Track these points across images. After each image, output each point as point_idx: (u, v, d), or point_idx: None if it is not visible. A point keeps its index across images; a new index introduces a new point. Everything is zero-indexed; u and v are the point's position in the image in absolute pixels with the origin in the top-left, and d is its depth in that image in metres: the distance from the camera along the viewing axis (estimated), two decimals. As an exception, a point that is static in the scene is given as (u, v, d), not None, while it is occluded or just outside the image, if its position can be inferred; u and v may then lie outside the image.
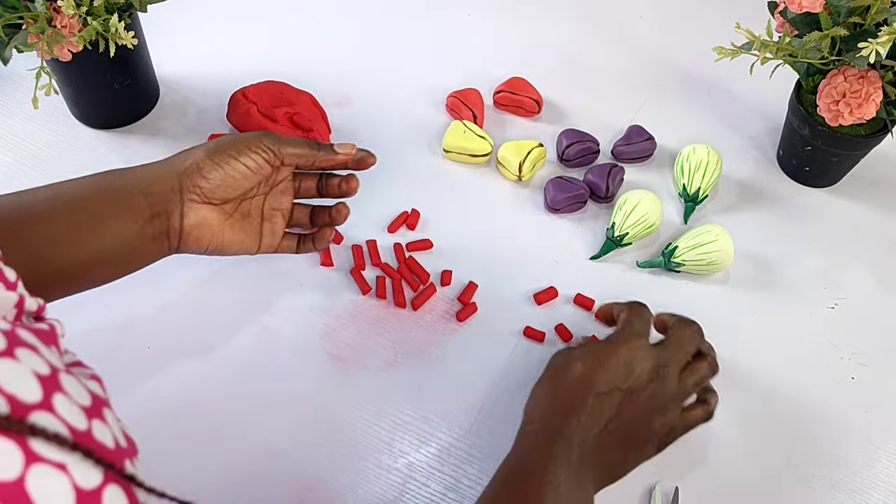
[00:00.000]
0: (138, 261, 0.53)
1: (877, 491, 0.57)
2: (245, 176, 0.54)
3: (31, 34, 0.61)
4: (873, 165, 0.77)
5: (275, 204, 0.59)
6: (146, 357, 0.60)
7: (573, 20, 0.92)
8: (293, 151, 0.56)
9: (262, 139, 0.55)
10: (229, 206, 0.55)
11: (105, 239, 0.50)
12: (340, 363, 0.61)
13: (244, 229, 0.57)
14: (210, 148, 0.54)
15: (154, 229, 0.52)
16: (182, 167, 0.53)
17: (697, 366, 0.54)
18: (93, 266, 0.50)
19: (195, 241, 0.54)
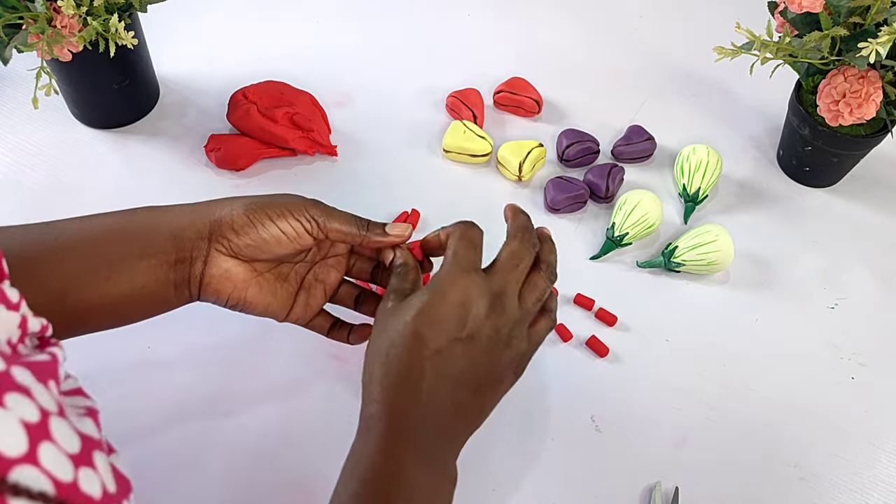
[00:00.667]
0: (158, 306, 0.49)
1: (877, 491, 0.57)
2: (279, 242, 0.49)
3: (31, 34, 0.61)
4: (873, 165, 0.77)
5: (320, 275, 0.54)
6: (146, 357, 0.60)
7: (573, 20, 0.92)
8: (338, 228, 0.50)
9: (309, 207, 0.49)
10: (261, 266, 0.51)
11: (126, 282, 0.46)
12: (340, 363, 0.61)
13: (274, 293, 0.52)
14: (250, 202, 0.49)
15: (177, 275, 0.48)
16: (216, 215, 0.48)
17: (534, 280, 0.49)
18: (110, 309, 0.47)
19: (214, 292, 0.49)
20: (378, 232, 0.51)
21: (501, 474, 0.56)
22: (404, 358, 0.44)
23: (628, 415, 0.60)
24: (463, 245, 0.47)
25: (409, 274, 0.50)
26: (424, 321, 0.44)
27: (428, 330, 0.44)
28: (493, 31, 0.89)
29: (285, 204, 0.49)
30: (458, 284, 0.45)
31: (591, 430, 0.59)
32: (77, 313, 0.45)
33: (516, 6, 0.93)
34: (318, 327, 0.55)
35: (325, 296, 0.54)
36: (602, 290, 0.66)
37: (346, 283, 0.56)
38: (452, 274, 0.46)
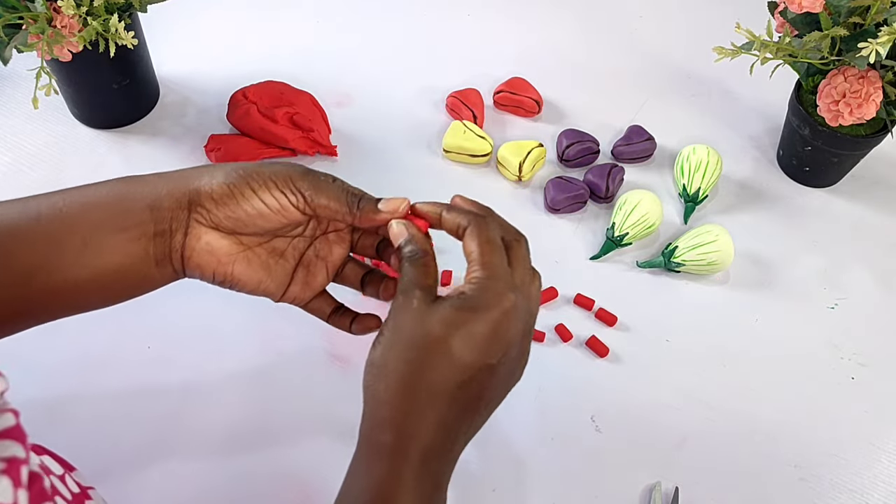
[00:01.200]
0: (141, 284, 0.45)
1: (877, 491, 0.57)
2: (262, 215, 0.44)
3: (31, 34, 0.61)
4: (873, 165, 0.77)
5: (321, 252, 0.49)
6: (146, 357, 0.60)
7: (573, 20, 0.92)
8: (326, 204, 0.44)
9: (296, 179, 0.44)
10: (249, 240, 0.46)
11: (102, 257, 0.42)
12: (340, 363, 0.61)
13: (267, 269, 0.47)
14: (232, 170, 0.44)
15: (157, 249, 0.44)
16: (195, 184, 0.44)
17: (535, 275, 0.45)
18: (89, 288, 0.43)
19: (196, 266, 0.45)
20: (370, 208, 0.45)
21: (501, 474, 0.56)
22: (431, 387, 0.39)
23: (628, 415, 0.60)
24: (491, 252, 0.42)
25: (429, 264, 0.43)
26: (462, 346, 0.39)
27: (464, 355, 0.39)
28: (493, 31, 0.89)
29: (270, 173, 0.44)
30: (503, 307, 0.40)
31: (591, 430, 0.59)
32: (50, 292, 0.42)
33: (516, 6, 0.93)
34: (318, 310, 0.50)
35: (327, 274, 0.49)
36: (602, 290, 0.66)
37: (351, 260, 0.51)
38: (495, 293, 0.40)
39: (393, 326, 0.41)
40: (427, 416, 0.39)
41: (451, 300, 0.40)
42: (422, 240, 0.44)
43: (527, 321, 0.42)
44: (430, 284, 0.42)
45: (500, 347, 0.40)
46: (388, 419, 0.40)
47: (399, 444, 0.39)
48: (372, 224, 0.45)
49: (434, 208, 0.45)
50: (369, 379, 0.41)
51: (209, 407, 0.58)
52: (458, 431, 0.41)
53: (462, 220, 0.43)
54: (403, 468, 0.39)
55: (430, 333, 0.39)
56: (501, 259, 0.42)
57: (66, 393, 0.58)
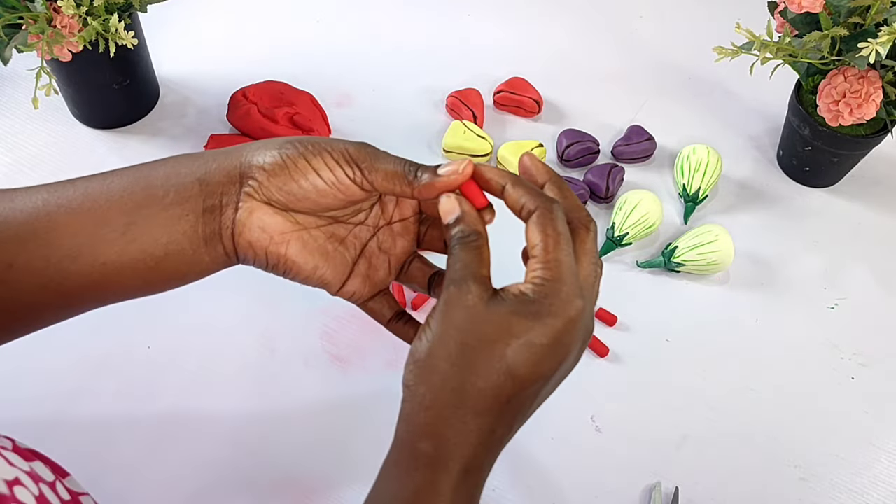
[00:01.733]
0: (189, 267, 0.41)
1: (877, 491, 0.57)
2: (317, 189, 0.40)
3: (31, 34, 0.61)
4: (873, 165, 0.77)
5: (384, 244, 0.45)
6: (146, 357, 0.60)
7: (573, 20, 0.92)
8: (383, 175, 0.40)
9: (352, 150, 0.40)
10: (306, 220, 0.42)
11: (149, 235, 0.39)
12: (340, 363, 0.61)
13: (325, 254, 0.43)
14: (285, 141, 0.41)
15: (207, 227, 0.40)
16: (248, 155, 0.40)
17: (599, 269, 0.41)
18: (136, 269, 0.40)
19: (248, 245, 0.41)
20: (429, 176, 0.39)
21: (501, 474, 0.56)
22: (480, 399, 0.36)
23: (628, 415, 0.60)
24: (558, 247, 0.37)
25: (483, 248, 0.39)
26: (519, 358, 0.35)
27: (520, 368, 0.36)
28: (493, 31, 0.89)
29: (325, 144, 0.40)
30: (568, 315, 0.36)
31: (591, 430, 0.59)
32: (96, 275, 0.39)
33: (516, 6, 0.93)
34: (378, 313, 0.46)
35: (389, 270, 0.45)
36: (602, 290, 0.66)
37: (418, 258, 0.46)
38: (562, 300, 0.36)
39: (442, 320, 0.37)
40: (471, 429, 0.36)
41: (510, 303, 0.36)
42: (475, 219, 0.39)
43: (588, 327, 0.38)
44: (485, 275, 0.38)
45: (558, 360, 0.37)
46: (429, 426, 0.37)
47: (439, 456, 0.36)
48: (431, 194, 0.40)
49: (498, 178, 0.40)
50: (410, 378, 0.38)
51: (209, 407, 0.58)
52: (500, 445, 0.38)
53: (529, 203, 0.38)
54: (442, 481, 0.36)
55: (484, 339, 0.36)
56: (569, 257, 0.37)
57: (65, 393, 0.58)
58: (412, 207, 0.45)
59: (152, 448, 0.56)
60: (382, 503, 0.38)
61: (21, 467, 0.36)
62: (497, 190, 0.40)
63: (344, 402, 0.59)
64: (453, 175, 0.39)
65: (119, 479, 0.54)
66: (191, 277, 0.42)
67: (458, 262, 0.38)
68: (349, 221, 0.44)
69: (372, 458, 0.56)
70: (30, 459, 0.38)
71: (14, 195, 0.40)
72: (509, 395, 0.36)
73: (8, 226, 0.38)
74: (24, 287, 0.38)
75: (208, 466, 0.55)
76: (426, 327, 0.38)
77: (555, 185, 0.41)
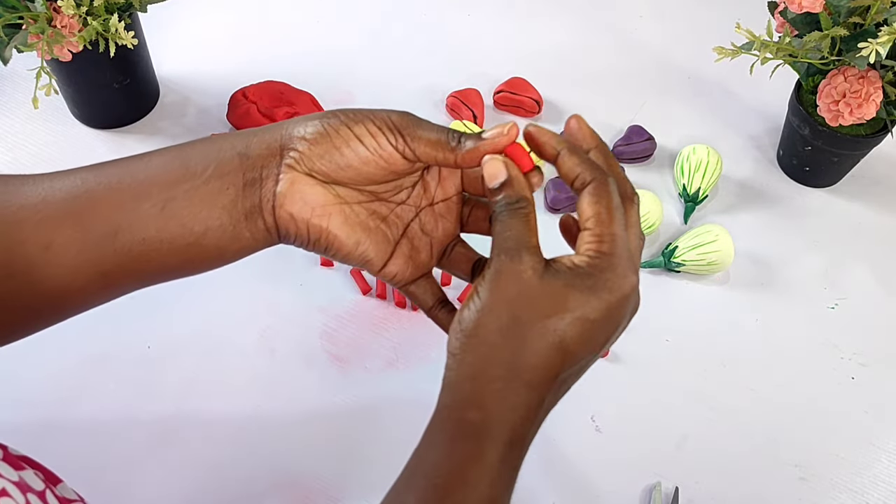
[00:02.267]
0: (229, 244, 0.40)
1: (877, 491, 0.57)
2: (360, 157, 0.39)
3: (31, 34, 0.61)
4: (873, 165, 0.77)
5: (427, 226, 0.44)
6: (146, 357, 0.60)
7: (573, 20, 0.92)
8: (426, 142, 0.39)
9: (394, 118, 0.40)
10: (348, 194, 0.41)
11: (186, 210, 0.38)
12: (340, 363, 0.61)
13: (367, 230, 0.41)
14: (327, 112, 0.40)
15: (247, 202, 0.39)
16: (289, 128, 0.40)
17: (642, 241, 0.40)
18: (176, 246, 0.39)
19: (289, 218, 0.40)
20: (473, 141, 0.38)
21: (501, 474, 0.56)
22: (533, 374, 0.35)
23: (628, 415, 0.60)
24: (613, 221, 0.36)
25: (530, 216, 0.37)
26: (573, 334, 0.35)
27: (573, 345, 0.35)
28: (493, 31, 0.89)
29: (368, 112, 0.40)
30: (623, 291, 0.36)
31: (591, 430, 0.59)
32: (132, 253, 0.38)
33: (516, 6, 0.93)
34: (421, 298, 0.44)
35: (431, 253, 0.44)
36: (602, 290, 0.66)
37: (461, 243, 0.45)
38: (618, 275, 0.35)
39: (493, 291, 0.36)
40: (521, 402, 0.35)
41: (565, 276, 0.35)
42: (523, 184, 0.38)
43: (637, 302, 0.37)
44: (535, 245, 0.37)
45: (608, 335, 0.36)
46: (477, 397, 0.36)
47: (487, 427, 0.35)
48: (476, 160, 0.38)
49: (554, 143, 0.38)
50: (457, 346, 0.36)
51: (208, 407, 0.58)
52: (543, 419, 0.38)
53: (585, 174, 0.37)
54: (489, 452, 0.35)
55: (538, 312, 0.35)
56: (623, 231, 0.36)
57: (65, 393, 0.58)
58: (455, 186, 0.44)
59: (152, 448, 0.56)
60: (425, 471, 0.37)
61: (9, 477, 0.36)
62: (551, 155, 0.38)
63: (344, 402, 0.59)
64: (498, 137, 0.38)
65: (119, 478, 0.54)
66: (230, 255, 0.41)
67: (508, 231, 0.37)
68: (391, 200, 0.43)
69: (372, 457, 0.57)
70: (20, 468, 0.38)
71: (54, 177, 0.39)
72: (559, 370, 0.35)
73: (46, 205, 0.38)
74: (62, 267, 0.38)
75: (208, 466, 0.55)
76: (474, 295, 0.36)
77: (601, 154, 0.39)
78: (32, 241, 0.37)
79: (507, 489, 0.37)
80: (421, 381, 0.61)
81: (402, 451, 0.57)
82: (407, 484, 0.37)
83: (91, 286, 0.39)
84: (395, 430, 0.58)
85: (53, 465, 0.42)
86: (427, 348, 0.62)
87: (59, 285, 0.38)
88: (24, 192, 0.39)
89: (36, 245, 0.37)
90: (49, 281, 0.38)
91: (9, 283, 0.38)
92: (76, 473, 0.46)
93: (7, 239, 0.37)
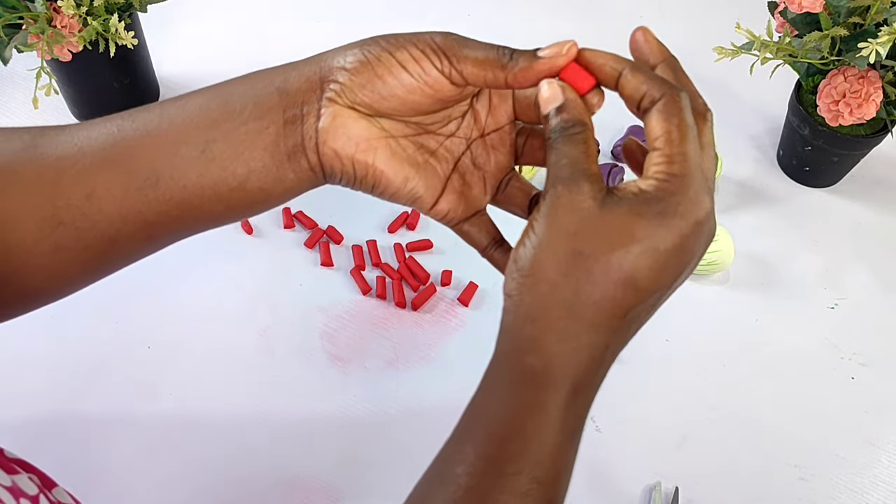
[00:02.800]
0: (273, 186, 0.38)
1: (877, 491, 0.57)
2: (403, 84, 0.36)
3: (31, 34, 0.61)
4: (873, 165, 0.77)
5: (479, 159, 0.41)
6: (146, 357, 0.60)
7: (573, 20, 0.92)
8: (473, 61, 0.35)
9: (437, 38, 0.36)
10: (393, 127, 0.38)
11: (227, 152, 0.37)
12: (340, 363, 0.61)
13: (415, 165, 0.39)
14: (368, 39, 0.37)
15: (289, 140, 0.37)
16: (328, 59, 0.38)
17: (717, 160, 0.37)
18: (218, 191, 0.37)
19: (333, 155, 0.37)
20: (527, 57, 0.35)
21: (501, 474, 0.56)
22: (596, 312, 0.33)
23: (628, 415, 0.60)
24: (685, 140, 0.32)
25: (590, 142, 0.35)
26: (641, 265, 0.32)
27: (641, 277, 0.32)
28: (493, 31, 0.89)
29: (410, 36, 0.37)
30: (696, 216, 0.32)
31: (591, 430, 0.59)
32: (174, 199, 0.37)
33: (516, 6, 0.93)
34: (474, 238, 0.41)
35: (485, 188, 0.41)
36: (602, 290, 0.66)
37: (517, 177, 0.42)
38: (690, 199, 0.32)
39: (550, 224, 0.33)
40: (584, 344, 0.33)
41: (630, 202, 0.32)
42: (581, 108, 0.36)
43: (713, 228, 0.34)
44: (595, 171, 0.34)
45: (681, 267, 0.33)
46: (537, 340, 0.33)
47: (548, 372, 0.33)
48: (530, 80, 0.35)
49: (613, 63, 0.35)
50: (513, 287, 0.34)
51: (208, 407, 0.58)
52: (612, 361, 0.35)
53: (654, 91, 0.34)
54: (550, 399, 0.33)
55: (602, 245, 0.32)
56: (696, 150, 0.33)
57: (64, 393, 0.58)
58: (507, 114, 0.40)
59: (151, 447, 0.56)
60: (485, 417, 0.35)
61: (2, 482, 0.35)
62: (611, 77, 0.35)
63: (344, 402, 0.59)
64: (557, 56, 0.35)
65: (118, 478, 0.54)
66: (275, 198, 0.39)
67: (564, 158, 0.34)
68: (439, 132, 0.40)
69: (372, 457, 0.57)
70: (13, 472, 0.38)
71: (91, 126, 0.38)
72: (628, 308, 0.33)
73: (84, 155, 0.37)
74: (104, 217, 0.37)
75: (208, 466, 0.55)
76: (530, 231, 0.34)
77: (669, 68, 0.36)
78: (74, 190, 0.37)
79: (572, 438, 0.35)
80: (421, 381, 0.61)
81: (402, 451, 0.57)
82: (465, 432, 0.35)
83: (132, 238, 0.38)
84: (396, 430, 0.58)
85: (51, 465, 0.42)
86: (427, 348, 0.62)
87: (104, 234, 0.38)
88: (60, 142, 0.38)
89: (78, 194, 0.37)
90: (94, 230, 0.37)
91: (58, 231, 0.37)
92: (74, 474, 0.46)
93: (50, 189, 0.37)
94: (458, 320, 0.64)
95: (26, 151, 0.38)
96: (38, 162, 0.37)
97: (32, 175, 0.37)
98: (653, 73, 0.35)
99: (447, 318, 0.64)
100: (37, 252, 0.37)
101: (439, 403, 0.60)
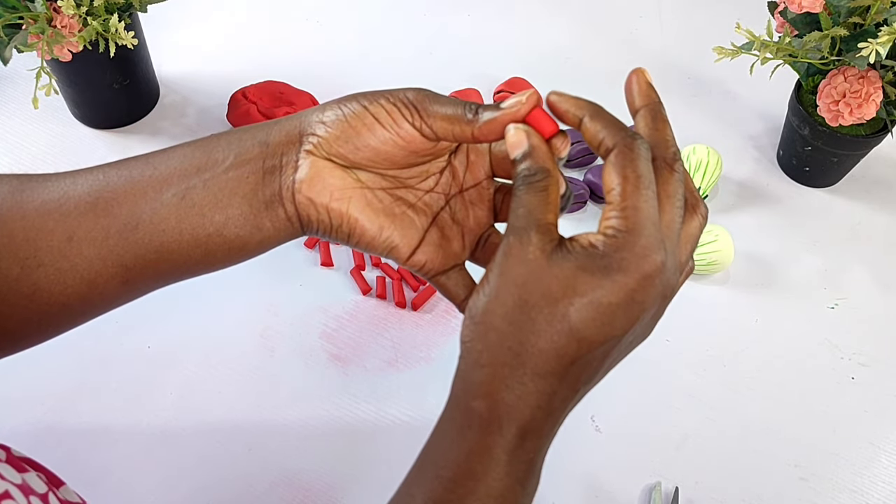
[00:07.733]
0: (251, 235, 0.39)
1: (877, 491, 0.57)
2: (376, 135, 0.37)
3: (31, 34, 0.61)
4: (873, 165, 0.77)
5: (459, 214, 0.42)
6: (146, 357, 0.60)
7: (573, 20, 0.92)
8: (442, 117, 0.37)
9: (409, 93, 0.38)
10: (368, 177, 0.40)
11: (206, 198, 0.38)
12: (340, 363, 0.61)
13: (391, 216, 0.40)
14: (349, 95, 0.39)
15: (267, 190, 0.38)
16: (307, 116, 0.39)
17: (692, 229, 0.39)
18: (191, 237, 0.38)
19: (308, 203, 0.38)
20: (491, 111, 0.36)
21: (501, 474, 0.56)
22: (539, 360, 0.33)
23: (628, 415, 0.60)
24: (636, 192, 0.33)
25: (550, 190, 0.35)
26: (584, 317, 0.32)
27: (585, 328, 0.32)
28: (493, 31, 0.89)
29: (383, 91, 0.38)
30: (643, 271, 0.32)
31: (591, 430, 0.59)
32: (153, 244, 0.38)
33: (516, 6, 0.93)
34: (451, 291, 0.42)
35: (463, 243, 0.41)
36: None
37: (496, 233, 0.42)
38: (637, 254, 0.32)
39: (500, 274, 0.34)
40: (529, 391, 0.33)
41: (577, 256, 0.33)
42: (544, 155, 0.35)
43: (669, 281, 0.34)
44: (549, 222, 0.35)
45: (631, 319, 0.33)
46: (484, 386, 0.34)
47: (493, 417, 0.34)
48: (496, 132, 0.36)
49: (575, 109, 0.36)
50: (467, 334, 0.35)
51: (208, 407, 0.58)
52: (563, 409, 0.35)
53: (608, 139, 0.34)
54: (496, 443, 0.34)
55: (546, 296, 0.32)
56: (649, 203, 0.33)
57: (65, 393, 0.58)
58: (485, 170, 0.41)
59: (152, 447, 0.56)
60: (434, 461, 0.36)
61: (12, 480, 0.36)
62: (574, 123, 0.36)
63: (344, 402, 0.59)
64: (516, 106, 0.36)
65: (119, 478, 0.54)
66: (252, 247, 0.40)
67: (521, 207, 0.34)
68: (418, 187, 0.41)
69: (372, 457, 0.57)
70: (23, 470, 0.38)
71: (77, 174, 0.40)
72: (573, 358, 0.33)
73: (68, 199, 0.39)
74: (83, 259, 0.38)
75: (208, 466, 0.55)
76: (485, 281, 0.35)
77: (650, 113, 0.37)
78: (56, 232, 0.38)
79: (519, 483, 0.35)
80: (421, 381, 0.61)
81: (401, 451, 0.57)
82: (416, 475, 0.37)
83: (114, 280, 0.39)
84: (395, 431, 0.58)
85: (55, 465, 0.42)
86: (427, 348, 0.62)
87: (83, 278, 0.39)
88: (46, 188, 0.39)
89: (60, 237, 0.38)
90: (73, 273, 0.39)
91: (38, 272, 0.38)
92: (77, 474, 0.46)
93: (32, 231, 0.38)
94: (458, 321, 0.64)
95: (13, 195, 0.39)
96: (24, 206, 0.39)
97: (17, 218, 0.39)
98: (613, 121, 0.35)
99: (447, 318, 0.64)
100: (16, 293, 0.39)
101: (439, 403, 0.59)
